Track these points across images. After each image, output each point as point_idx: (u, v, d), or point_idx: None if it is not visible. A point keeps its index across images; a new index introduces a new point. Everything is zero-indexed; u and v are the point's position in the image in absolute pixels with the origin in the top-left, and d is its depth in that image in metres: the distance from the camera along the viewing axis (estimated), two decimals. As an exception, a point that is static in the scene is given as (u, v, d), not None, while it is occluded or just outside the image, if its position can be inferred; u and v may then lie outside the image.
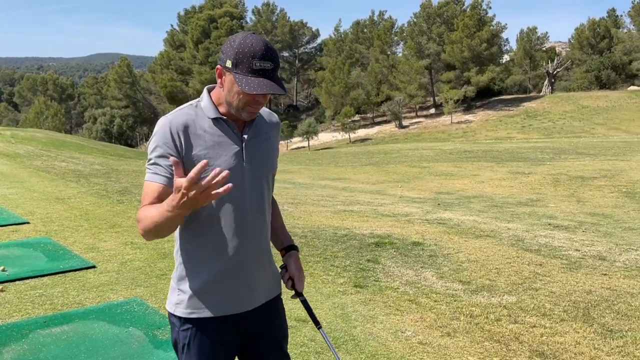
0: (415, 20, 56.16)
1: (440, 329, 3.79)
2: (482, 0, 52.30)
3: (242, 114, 1.72)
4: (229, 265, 1.78)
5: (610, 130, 38.77)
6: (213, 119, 1.75)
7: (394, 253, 5.73)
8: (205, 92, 1.80)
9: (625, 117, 42.44)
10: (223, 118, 1.75)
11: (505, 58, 59.53)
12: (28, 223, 6.97)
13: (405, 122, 51.74)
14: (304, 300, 1.94)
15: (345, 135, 49.24)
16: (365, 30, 65.88)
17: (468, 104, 52.09)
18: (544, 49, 64.92)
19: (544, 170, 14.69)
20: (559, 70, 57.51)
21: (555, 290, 4.60)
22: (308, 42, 72.13)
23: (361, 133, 50.43)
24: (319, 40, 72.07)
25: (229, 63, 1.66)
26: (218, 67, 1.72)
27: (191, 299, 1.79)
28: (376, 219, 7.69)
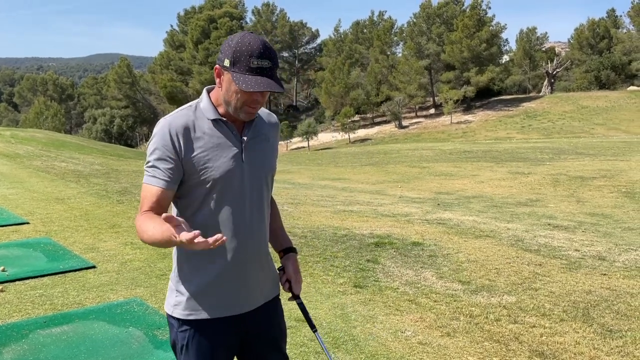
0: (414, 20, 56.17)
1: (440, 329, 3.80)
2: (482, 1, 52.33)
3: (241, 114, 1.72)
4: (227, 267, 1.78)
5: (610, 131, 38.78)
6: (212, 120, 1.74)
7: (394, 253, 5.73)
8: (204, 93, 1.80)
9: (624, 117, 42.46)
10: (222, 119, 1.75)
11: (505, 58, 59.53)
12: (28, 223, 6.98)
13: (405, 123, 51.75)
14: (300, 302, 1.94)
15: (345, 136, 49.24)
16: (365, 30, 65.90)
17: (468, 104, 52.11)
18: (544, 49, 64.94)
19: (544, 170, 14.69)
20: (558, 70, 57.53)
21: (554, 290, 4.60)
22: (308, 43, 72.18)
23: (361, 133, 50.44)
24: (319, 41, 72.18)
25: (227, 62, 1.66)
26: (217, 67, 1.72)
27: (189, 300, 1.79)
28: (376, 219, 7.69)
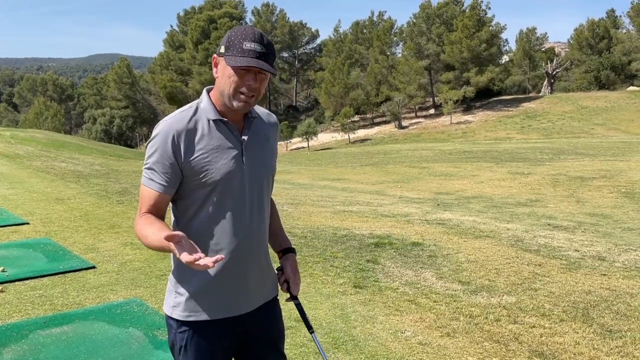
0: (414, 20, 56.18)
1: (440, 330, 3.80)
2: (482, 1, 52.35)
3: (234, 103, 1.70)
4: (227, 268, 1.77)
5: (610, 131, 38.79)
6: (213, 120, 1.75)
7: (394, 253, 5.73)
8: (204, 93, 1.81)
9: (624, 118, 42.46)
10: (223, 120, 1.75)
11: (505, 58, 59.52)
12: (28, 224, 6.98)
13: (404, 123, 51.75)
14: (298, 303, 1.93)
15: (345, 136, 49.24)
16: (365, 30, 65.91)
17: (467, 105, 52.11)
18: (543, 49, 64.97)
19: (544, 170, 14.70)
20: (558, 70, 57.54)
21: (554, 290, 4.60)
22: (307, 43, 72.19)
23: (361, 133, 50.43)
24: (319, 41, 72.20)
25: (222, 49, 1.69)
26: (214, 57, 1.74)
27: (188, 301, 1.78)
28: (376, 220, 7.69)
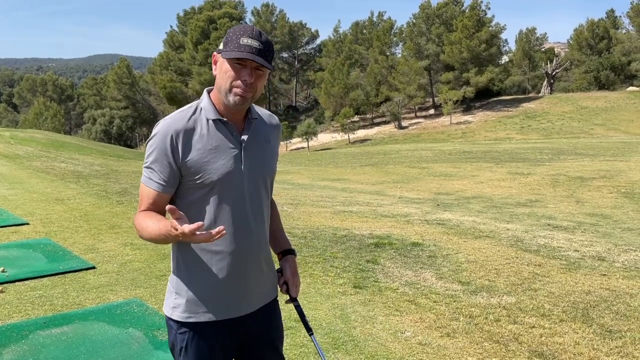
0: (414, 21, 56.18)
1: (440, 330, 3.80)
2: (481, 1, 52.36)
3: (230, 99, 1.70)
4: (226, 269, 1.77)
5: (609, 131, 38.80)
6: (213, 120, 1.75)
7: (394, 254, 5.73)
8: (205, 94, 1.81)
9: (624, 118, 42.47)
10: (222, 120, 1.75)
11: (504, 59, 59.53)
12: (28, 224, 6.98)
13: (404, 123, 51.75)
14: (297, 305, 1.93)
15: (345, 136, 49.24)
16: (365, 31, 65.93)
17: (467, 105, 52.12)
18: (543, 49, 64.98)
19: (543, 170, 14.70)
20: (557, 71, 57.54)
21: (554, 290, 4.60)
22: (307, 43, 72.20)
23: (360, 134, 50.43)
24: (318, 41, 72.21)
25: (221, 46, 1.71)
26: (214, 55, 1.75)
27: (188, 302, 1.78)
28: (375, 220, 7.69)
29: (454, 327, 3.84)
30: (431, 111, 55.19)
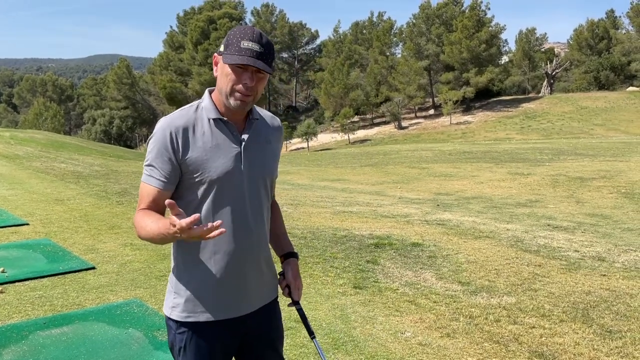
0: (414, 21, 56.20)
1: (440, 330, 3.80)
2: (481, 1, 52.37)
3: (231, 101, 1.71)
4: (225, 269, 1.77)
5: (609, 131, 38.81)
6: (213, 119, 1.75)
7: (393, 254, 5.73)
8: (206, 93, 1.82)
9: (624, 118, 42.48)
10: (223, 119, 1.75)
11: (504, 59, 59.56)
12: (27, 224, 6.98)
13: (404, 123, 51.76)
14: (299, 309, 1.93)
15: (345, 136, 49.25)
16: (365, 31, 65.96)
17: (467, 105, 52.13)
18: (543, 50, 65.01)
19: (543, 171, 14.70)
20: (557, 71, 57.56)
21: (554, 291, 4.60)
22: (307, 43, 72.24)
23: (360, 134, 50.44)
24: (318, 42, 72.26)
25: (222, 47, 1.71)
26: (215, 56, 1.76)
27: (187, 302, 1.78)
28: (375, 220, 7.69)
29: (454, 328, 3.84)
30: (431, 111, 55.20)
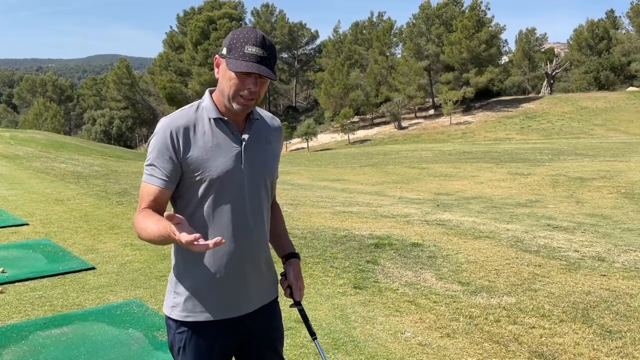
0: (414, 21, 56.22)
1: (440, 330, 3.80)
2: (481, 2, 52.39)
3: (234, 105, 1.71)
4: (225, 269, 1.77)
5: (609, 131, 38.81)
6: (214, 119, 1.75)
7: (393, 254, 5.73)
8: (207, 93, 1.82)
9: (624, 118, 42.49)
10: (223, 119, 1.76)
11: (504, 59, 59.57)
12: (27, 224, 6.97)
13: (404, 123, 51.77)
14: (301, 309, 1.93)
15: (345, 136, 49.27)
16: (365, 31, 65.96)
17: (467, 105, 52.14)
18: (543, 50, 65.02)
19: (543, 171, 14.70)
20: (557, 71, 57.57)
21: (554, 291, 4.60)
22: (307, 44, 72.24)
23: (360, 134, 50.45)
24: (318, 42, 72.26)
25: (225, 50, 1.70)
26: (216, 57, 1.75)
27: (187, 302, 1.78)
28: (375, 220, 7.69)
29: (454, 328, 3.84)
30: (431, 111, 55.21)
